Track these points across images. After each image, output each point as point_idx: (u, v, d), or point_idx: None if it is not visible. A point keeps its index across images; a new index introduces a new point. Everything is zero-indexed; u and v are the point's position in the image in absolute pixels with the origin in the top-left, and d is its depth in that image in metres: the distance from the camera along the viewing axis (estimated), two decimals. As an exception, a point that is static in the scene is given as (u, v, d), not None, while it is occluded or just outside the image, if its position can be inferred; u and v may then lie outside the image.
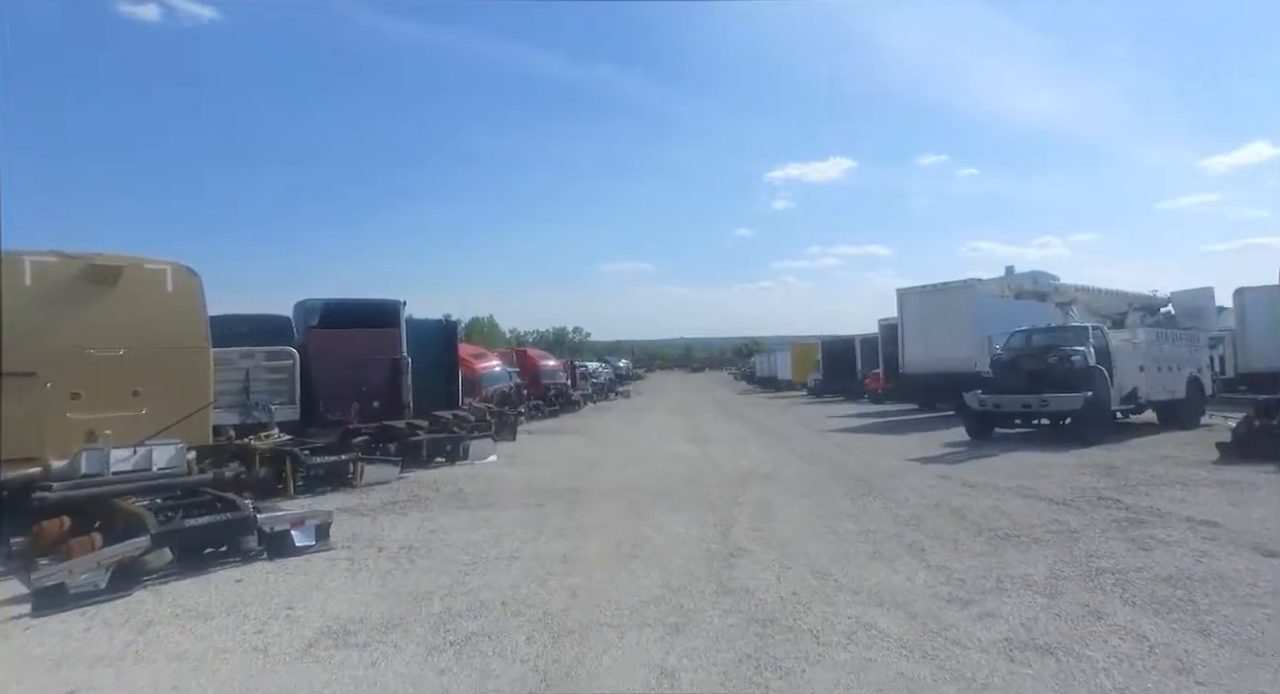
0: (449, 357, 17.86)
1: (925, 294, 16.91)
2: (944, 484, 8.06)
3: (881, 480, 8.45)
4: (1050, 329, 12.49)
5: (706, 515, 6.91)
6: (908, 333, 17.30)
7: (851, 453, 11.36)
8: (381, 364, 13.44)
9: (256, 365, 10.91)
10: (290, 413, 11.17)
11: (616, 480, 9.44)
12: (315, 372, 12.64)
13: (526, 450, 13.71)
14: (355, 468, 9.43)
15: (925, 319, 16.76)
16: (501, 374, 26.88)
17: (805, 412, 23.95)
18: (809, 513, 6.83)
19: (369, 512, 7.68)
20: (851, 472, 9.31)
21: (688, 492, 8.36)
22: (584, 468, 10.89)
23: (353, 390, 12.95)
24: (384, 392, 13.50)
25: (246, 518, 5.50)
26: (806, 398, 37.47)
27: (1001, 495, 7.21)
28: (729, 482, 8.90)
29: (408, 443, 11.10)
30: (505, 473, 10.43)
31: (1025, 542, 5.33)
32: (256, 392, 10.85)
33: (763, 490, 8.17)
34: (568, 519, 7.00)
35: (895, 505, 6.95)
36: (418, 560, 5.58)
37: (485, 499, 8.29)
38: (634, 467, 10.78)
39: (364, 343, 13.29)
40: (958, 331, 15.92)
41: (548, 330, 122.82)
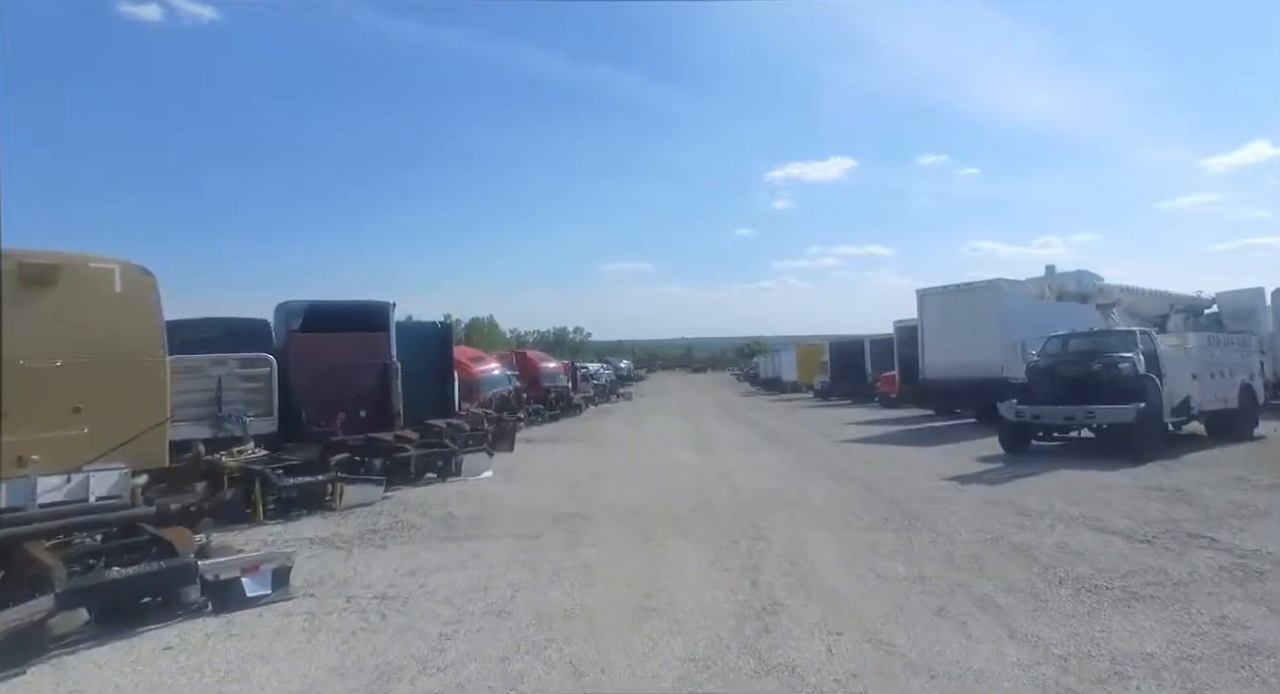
0: (444, 361, 16.96)
1: (947, 295, 15.99)
2: (994, 512, 7.15)
3: (922, 506, 7.53)
4: (1092, 333, 11.56)
5: (728, 551, 6.01)
6: (928, 336, 16.37)
7: (878, 468, 10.44)
8: (369, 370, 12.54)
9: (230, 373, 9.99)
10: (267, 425, 10.26)
11: (622, 501, 8.54)
12: (297, 379, 11.74)
13: (525, 463, 12.82)
14: (334, 489, 8.53)
15: (947, 321, 15.83)
16: (500, 377, 25.98)
17: (816, 417, 23.03)
18: (846, 548, 5.92)
19: (344, 543, 6.78)
20: (884, 493, 8.40)
21: (703, 517, 7.46)
22: (586, 484, 10.00)
23: (338, 399, 12.04)
24: (372, 400, 12.59)
25: (185, 566, 4.59)
26: (813, 401, 36.55)
27: (1068, 528, 6.29)
28: (748, 505, 7.99)
29: (396, 459, 10.17)
30: (501, 492, 9.52)
31: (1123, 598, 4.41)
32: (230, 402, 9.94)
33: (788, 518, 7.26)
34: (568, 554, 6.10)
35: (946, 540, 6.04)
36: (390, 616, 4.68)
37: (477, 526, 7.39)
38: (640, 483, 9.88)
39: (350, 347, 12.38)
40: (982, 335, 15.01)
41: (548, 330, 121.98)
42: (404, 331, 17.08)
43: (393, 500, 9.03)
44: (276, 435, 10.77)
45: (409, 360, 15.80)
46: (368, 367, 12.59)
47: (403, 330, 17.25)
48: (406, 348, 15.82)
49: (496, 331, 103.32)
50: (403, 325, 19.62)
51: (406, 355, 15.68)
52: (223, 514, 7.79)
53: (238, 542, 7.04)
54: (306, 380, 11.81)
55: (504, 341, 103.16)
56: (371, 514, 8.18)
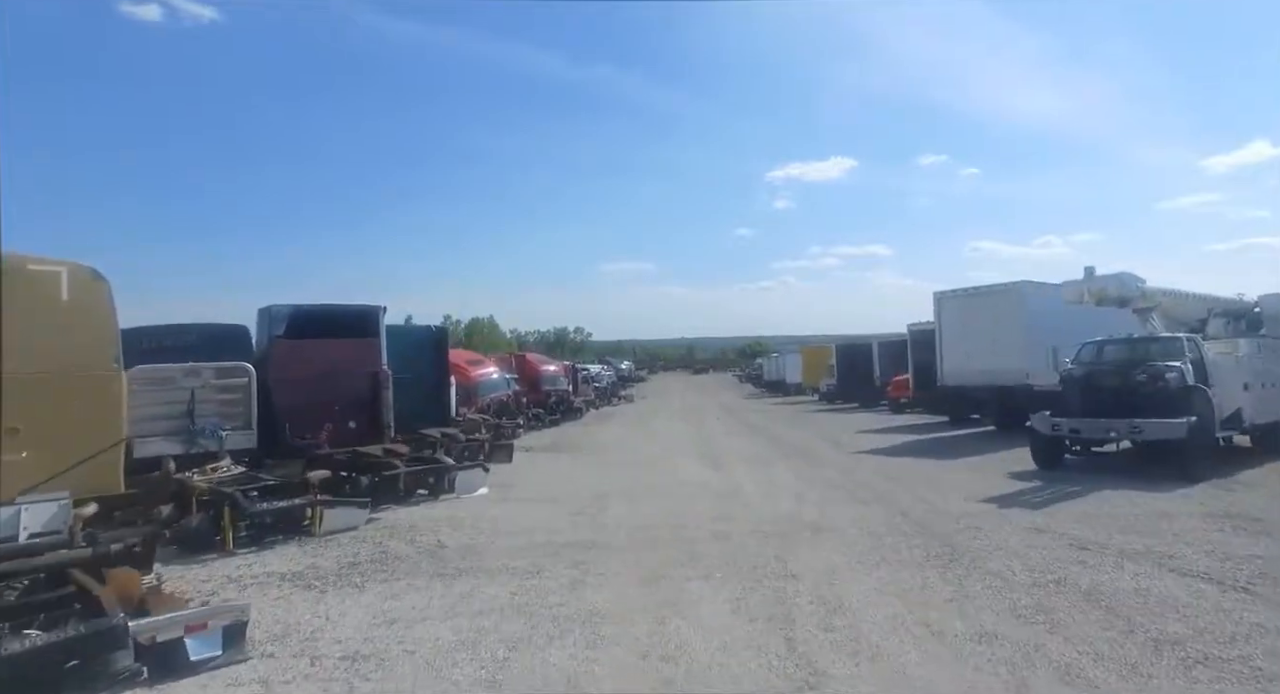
0: (439, 367, 16.20)
1: (967, 298, 15.23)
2: (1046, 543, 6.40)
3: (963, 536, 6.78)
4: (1133, 340, 10.79)
5: (753, 594, 5.27)
6: (946, 340, 15.63)
7: (903, 486, 9.70)
8: (358, 379, 11.79)
9: (205, 384, 9.24)
10: (245, 439, 9.51)
11: (628, 526, 7.80)
12: (279, 389, 10.99)
13: (524, 477, 12.07)
14: (314, 512, 7.78)
15: (966, 325, 15.09)
16: (499, 382, 25.23)
17: (825, 423, 22.28)
18: (889, 593, 5.17)
19: (318, 581, 6.03)
20: (916, 517, 7.65)
21: (720, 547, 6.71)
22: (588, 504, 9.25)
23: (324, 410, 11.30)
24: (361, 410, 11.84)
25: (112, 629, 3.85)
26: (819, 404, 35.80)
27: (1138, 567, 5.54)
28: (768, 532, 7.25)
29: (384, 477, 9.40)
30: (496, 514, 8.77)
31: (1245, 677, 3.66)
32: (204, 415, 9.19)
33: (814, 549, 6.51)
34: (572, 598, 5.36)
35: (1002, 582, 5.29)
36: (359, 685, 3.94)
37: (469, 558, 6.64)
38: (648, 504, 9.13)
39: (338, 355, 11.64)
40: (1004, 340, 14.26)
41: (548, 331, 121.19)
42: (397, 336, 16.34)
43: (379, 524, 8.29)
44: (257, 450, 10.05)
45: (402, 366, 15.05)
46: (357, 375, 11.84)
47: (396, 335, 16.51)
48: (400, 353, 15.07)
49: (497, 332, 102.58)
50: (396, 329, 18.88)
51: (400, 361, 14.93)
52: (190, 542, 7.07)
53: (200, 576, 6.32)
54: (290, 390, 11.07)
55: (504, 342, 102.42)
56: (354, 541, 7.44)
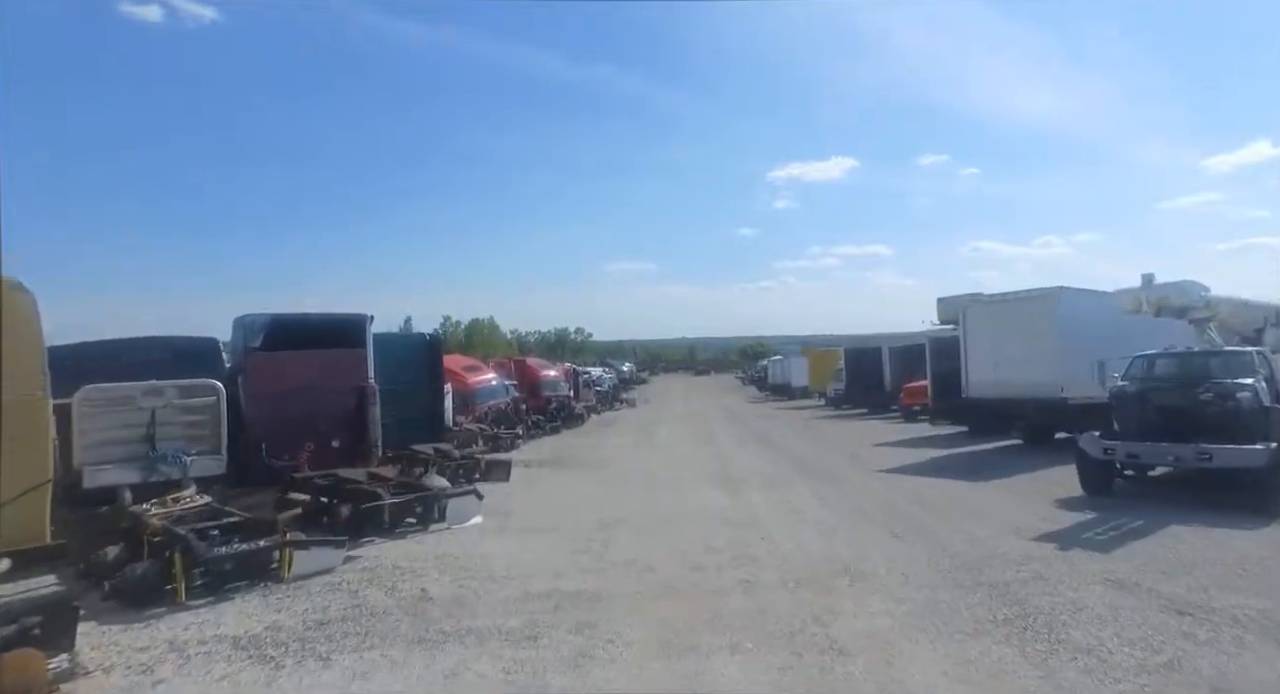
0: (433, 377, 15.33)
1: (996, 305, 14.31)
2: (1132, 603, 5.46)
3: (1029, 589, 5.85)
4: (1192, 354, 9.86)
5: (795, 676, 4.36)
6: (972, 350, 14.70)
7: (940, 514, 8.79)
8: (342, 394, 10.89)
9: (167, 405, 8.34)
10: (214, 465, 8.61)
11: (639, 568, 6.89)
12: (255, 406, 10.12)
13: (522, 498, 11.15)
14: (283, 554, 6.86)
15: (995, 334, 14.16)
16: (498, 389, 24.31)
17: (837, 432, 21.36)
18: (963, 681, 4.25)
19: (276, 649, 5.10)
20: (967, 561, 6.73)
21: (747, 604, 5.79)
22: (592, 536, 8.33)
23: (304, 428, 10.41)
24: (345, 429, 10.95)
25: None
26: (826, 409, 34.90)
27: (1263, 644, 4.61)
28: (800, 580, 6.33)
29: (366, 509, 8.46)
30: (491, 551, 7.84)
31: None
32: (167, 439, 8.29)
33: (858, 608, 5.59)
34: (576, 679, 4.45)
35: (1098, 664, 4.36)
36: None
37: (457, 615, 5.72)
38: (658, 537, 8.20)
39: (320, 368, 10.75)
40: (1037, 350, 13.34)
41: (549, 331, 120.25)
42: (387, 345, 15.44)
43: (359, 563, 7.36)
44: (228, 475, 9.16)
45: (394, 376, 14.17)
46: (340, 390, 10.95)
47: (386, 343, 15.61)
48: (391, 363, 14.20)
49: (497, 333, 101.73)
50: (386, 338, 17.95)
51: (391, 371, 14.05)
52: (135, 593, 6.14)
53: (139, 641, 5.39)
54: (267, 408, 10.19)
55: (504, 343, 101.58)
56: (326, 589, 6.51)
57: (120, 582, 6.03)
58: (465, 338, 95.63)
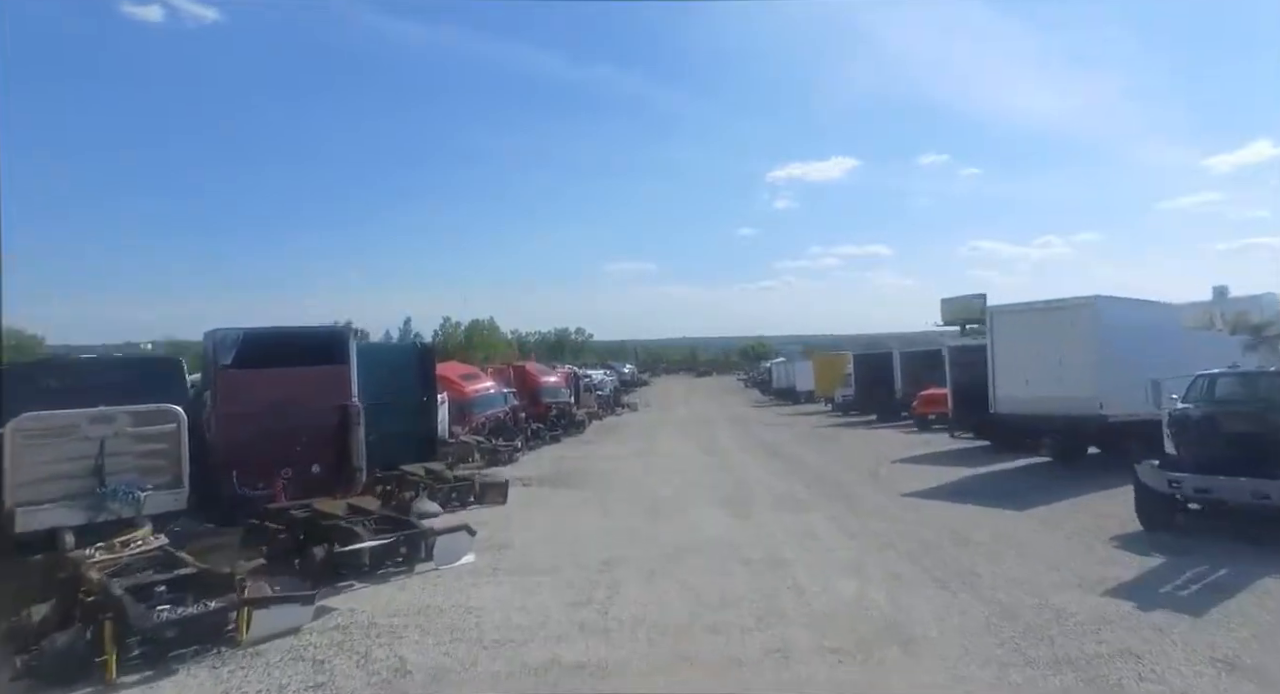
0: (425, 389, 14.38)
1: (1028, 314, 13.38)
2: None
3: (1121, 670, 4.91)
4: (1264, 374, 8.90)
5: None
6: (1001, 362, 13.77)
7: (985, 555, 7.87)
8: (322, 414, 9.98)
9: (119, 433, 7.43)
10: (172, 500, 7.71)
11: (648, 627, 5.98)
12: (226, 429, 9.21)
13: (518, 528, 10.24)
14: (241, 614, 5.93)
15: (1027, 345, 13.23)
16: (496, 397, 23.39)
17: (851, 443, 20.42)
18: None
19: (215, 756, 4.20)
20: (1031, 622, 5.80)
21: (779, 679, 4.89)
22: (595, 581, 7.42)
23: (280, 453, 9.51)
24: (326, 452, 10.04)
25: None
26: (834, 415, 33.99)
27: None
28: (841, 651, 5.40)
29: (342, 553, 7.51)
30: (481, 600, 6.92)
31: None
32: (118, 472, 7.38)
33: (910, 683, 4.68)
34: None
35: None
36: None
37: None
38: (669, 583, 7.27)
39: (298, 386, 9.84)
40: (1074, 363, 12.42)
41: (549, 331, 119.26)
42: (376, 355, 14.54)
43: (330, 619, 6.44)
44: (195, 508, 8.26)
45: (382, 389, 13.26)
46: (320, 410, 10.04)
47: (374, 353, 14.71)
48: (379, 374, 13.28)
49: (497, 334, 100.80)
50: (373, 348, 17.01)
51: (379, 383, 13.14)
52: (56, 670, 5.21)
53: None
54: (239, 431, 9.28)
55: (504, 344, 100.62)
56: (287, 658, 5.60)
57: (39, 655, 5.11)
58: (465, 339, 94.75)
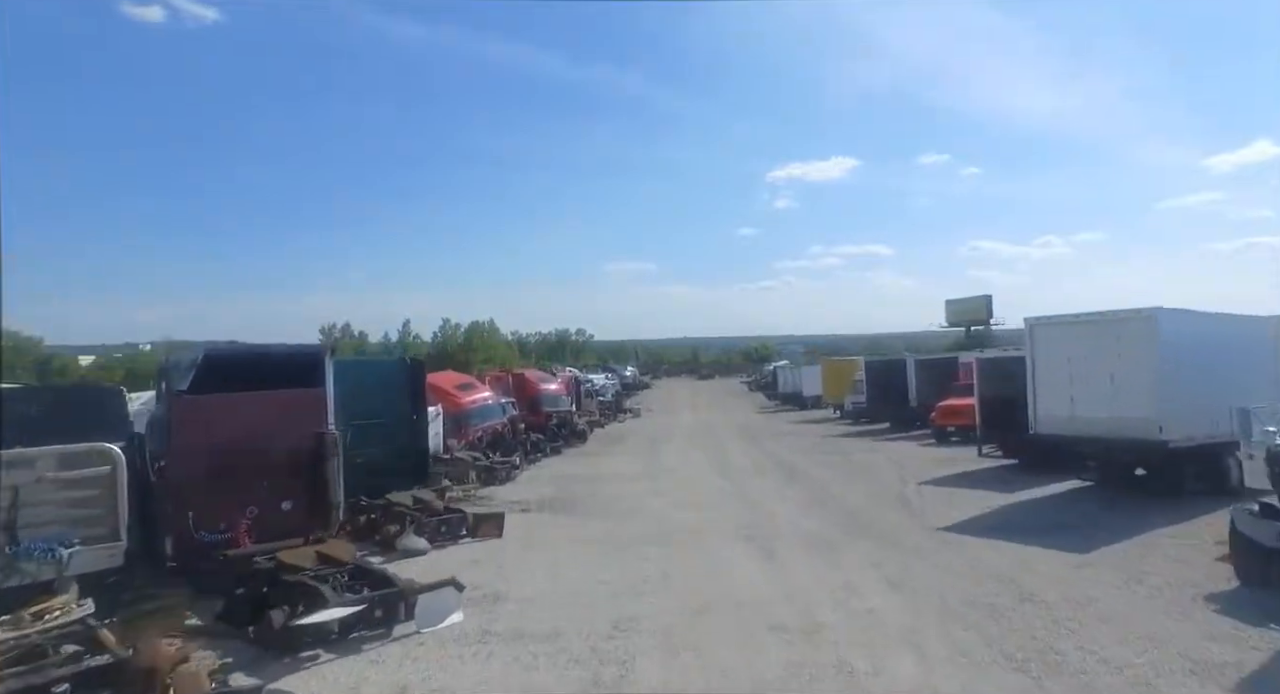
0: (415, 407, 13.27)
1: (1076, 327, 12.18)
2: None
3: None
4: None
5: None
6: (1043, 378, 12.60)
7: (1063, 627, 6.70)
8: (294, 445, 8.84)
9: (39, 479, 6.28)
10: (107, 557, 6.55)
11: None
12: (184, 463, 8.06)
13: (514, 571, 9.09)
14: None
15: (1074, 360, 12.05)
16: (493, 408, 22.22)
17: (871, 458, 19.23)
18: None
19: None
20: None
21: None
22: (604, 652, 6.28)
23: (246, 490, 8.36)
24: (298, 487, 8.89)
25: None
26: (844, 423, 32.82)
27: None
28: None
29: (305, 627, 6.32)
30: (467, 682, 5.77)
31: None
32: (36, 525, 6.22)
33: None
34: None
35: None
36: None
37: None
38: (692, 663, 6.11)
39: (266, 412, 8.70)
40: (1129, 382, 11.25)
41: (550, 332, 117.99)
42: (361, 372, 13.40)
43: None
44: (137, 560, 7.11)
45: (368, 409, 12.15)
46: (292, 439, 8.89)
47: (359, 370, 13.57)
48: (364, 393, 12.16)
49: (497, 336, 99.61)
50: (359, 364, 15.84)
51: (365, 402, 12.03)
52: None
53: None
54: (198, 465, 8.13)
55: (503, 345, 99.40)
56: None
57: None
58: (465, 341, 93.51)
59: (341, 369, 12.69)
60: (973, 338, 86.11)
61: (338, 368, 12.42)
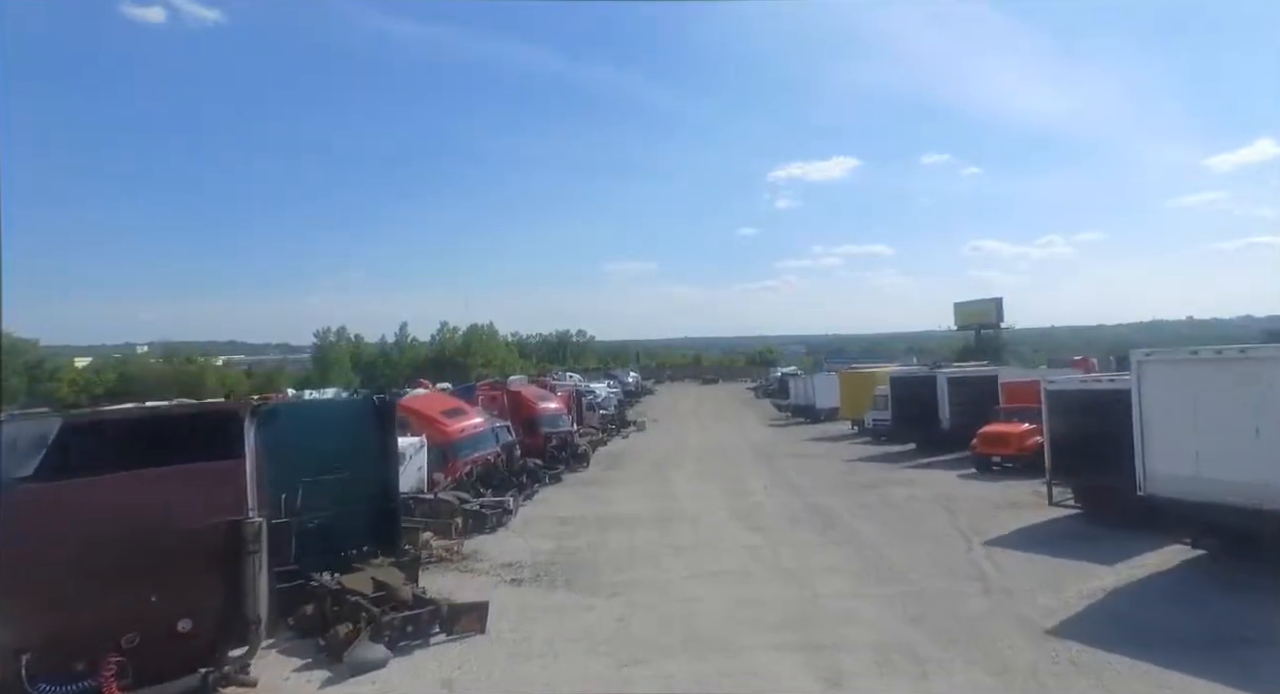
0: (384, 456, 10.86)
1: (1201, 366, 9.79)
2: None
3: None
4: None
5: None
6: (1157, 427, 10.19)
7: None
8: (197, 540, 6.47)
9: None
10: None
11: None
12: (18, 582, 5.70)
13: None
14: None
15: (1200, 407, 9.68)
16: (484, 436, 19.84)
17: (914, 499, 16.84)
18: None
19: None
20: None
21: None
22: None
23: (120, 611, 6.01)
24: (201, 598, 6.53)
25: None
26: (865, 441, 30.47)
27: None
28: None
29: None
30: None
31: None
32: None
33: None
34: None
35: None
36: None
37: None
38: None
39: (155, 498, 6.32)
40: (1275, 436, 8.92)
41: (550, 333, 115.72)
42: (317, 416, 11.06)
43: None
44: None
45: (327, 460, 9.83)
46: (195, 533, 6.53)
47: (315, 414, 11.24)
48: (324, 440, 9.87)
49: (495, 339, 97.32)
50: (313, 407, 13.52)
51: (323, 452, 9.73)
52: None
53: None
54: (41, 582, 5.78)
55: (502, 348, 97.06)
56: None
57: None
58: (463, 345, 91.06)
59: (297, 416, 10.39)
60: (983, 342, 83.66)
61: (286, 413, 10.12)
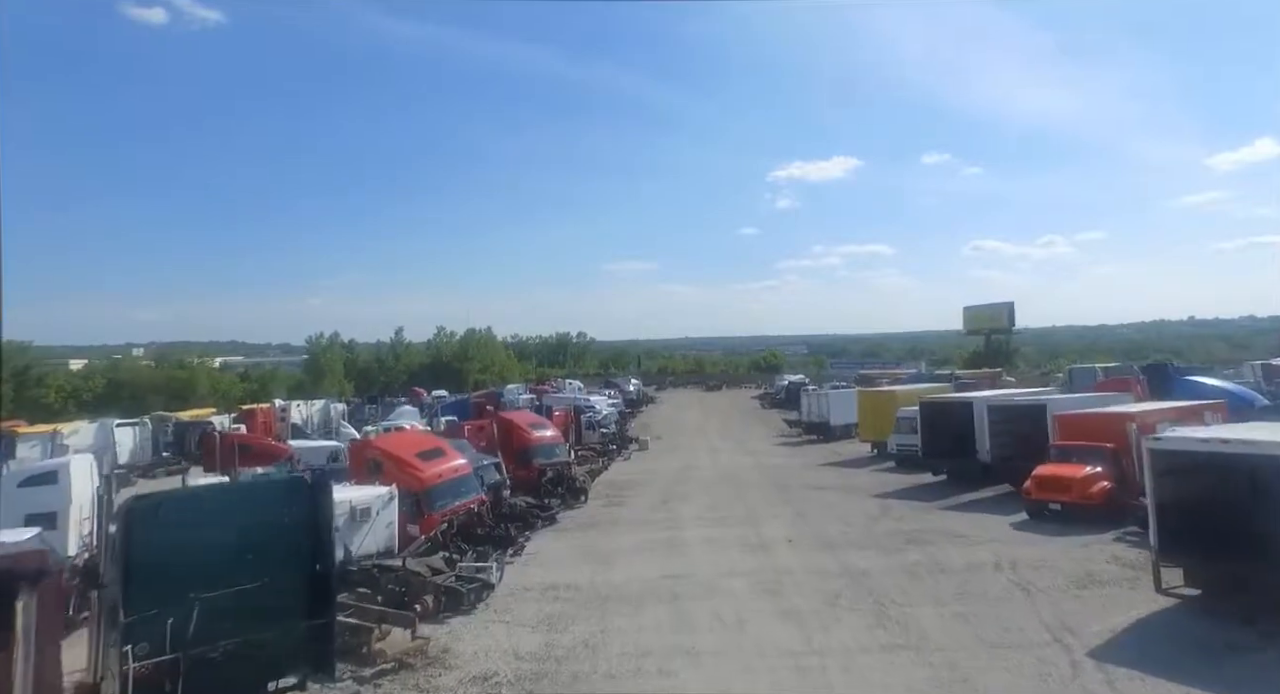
0: (316, 547, 8.27)
1: None
2: None
3: None
4: None
5: None
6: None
7: None
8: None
9: None
10: None
11: None
12: None
13: None
14: None
15: None
16: (466, 481, 17.18)
17: (971, 563, 14.26)
18: None
19: None
20: None
21: None
22: None
23: None
24: None
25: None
26: (889, 468, 27.93)
27: None
28: None
29: None
30: None
31: None
32: None
33: None
34: None
35: None
36: None
37: None
38: None
39: None
40: None
41: (550, 335, 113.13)
42: (222, 507, 8.54)
43: None
44: None
45: (236, 566, 7.31)
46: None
47: (217, 506, 8.68)
48: (230, 540, 7.36)
49: (493, 343, 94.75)
50: (218, 494, 10.85)
51: (229, 556, 7.21)
52: None
53: None
54: None
55: (500, 350, 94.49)
56: None
57: None
58: (460, 349, 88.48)
59: (180, 509, 7.81)
60: (993, 347, 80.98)
61: (172, 507, 7.54)
